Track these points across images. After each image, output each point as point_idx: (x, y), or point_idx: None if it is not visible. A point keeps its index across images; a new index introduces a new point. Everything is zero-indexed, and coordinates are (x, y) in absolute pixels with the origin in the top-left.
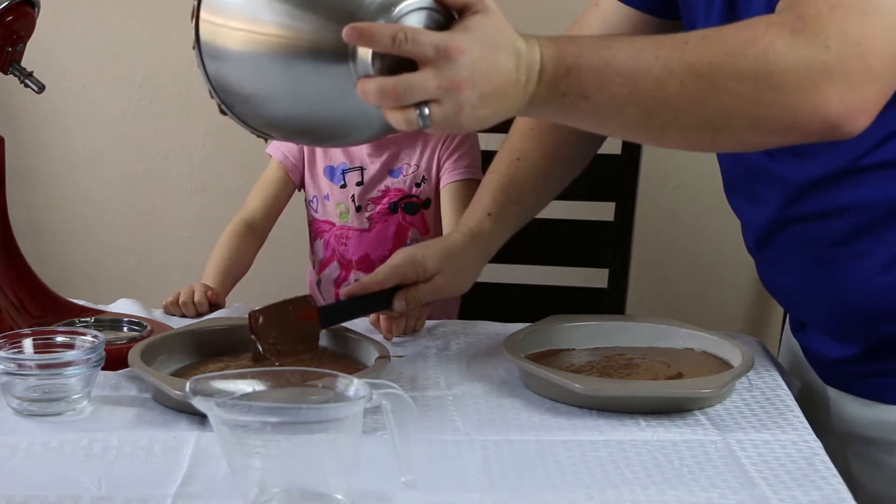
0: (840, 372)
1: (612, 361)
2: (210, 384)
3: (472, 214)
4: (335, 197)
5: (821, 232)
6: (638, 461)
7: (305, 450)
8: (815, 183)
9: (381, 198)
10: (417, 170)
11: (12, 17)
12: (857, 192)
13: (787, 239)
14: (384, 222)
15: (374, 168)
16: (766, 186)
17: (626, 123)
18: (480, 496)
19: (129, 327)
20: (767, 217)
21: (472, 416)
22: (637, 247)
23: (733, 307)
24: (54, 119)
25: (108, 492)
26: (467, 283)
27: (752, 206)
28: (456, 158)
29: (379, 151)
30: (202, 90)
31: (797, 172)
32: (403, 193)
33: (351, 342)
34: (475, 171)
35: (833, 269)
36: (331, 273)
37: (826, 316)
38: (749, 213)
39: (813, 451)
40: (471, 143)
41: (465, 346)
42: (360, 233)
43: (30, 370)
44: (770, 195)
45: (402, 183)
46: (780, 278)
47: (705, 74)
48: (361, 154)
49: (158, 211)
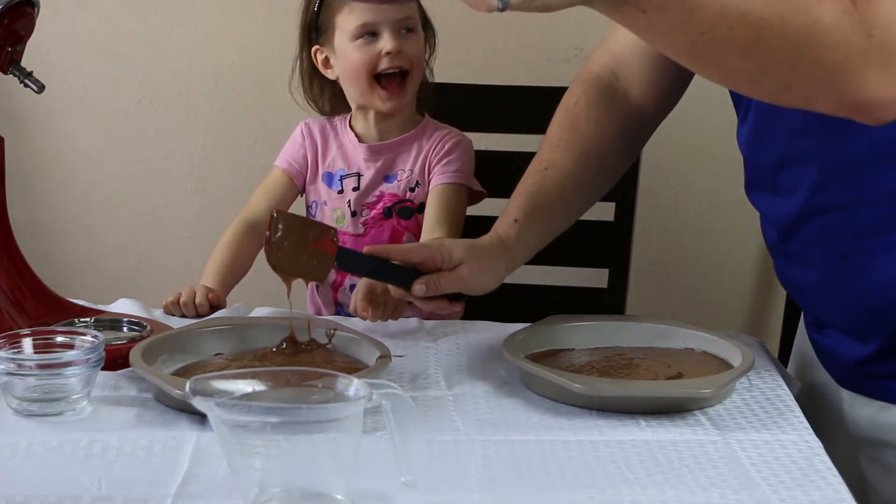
0: (857, 373)
1: (612, 361)
2: (210, 384)
3: (501, 222)
4: (332, 203)
5: (846, 224)
6: (638, 461)
7: (305, 450)
8: (848, 166)
9: (376, 203)
10: (411, 175)
11: (12, 18)
12: (887, 179)
13: (812, 231)
14: (379, 227)
15: (370, 174)
16: (797, 173)
17: (674, 49)
18: (480, 496)
19: (129, 327)
20: (794, 207)
21: (472, 416)
22: (637, 247)
23: (733, 307)
24: (54, 119)
25: (108, 492)
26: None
27: (778, 197)
28: (446, 163)
29: (375, 157)
30: (202, 90)
31: (832, 154)
32: (398, 198)
33: (351, 342)
34: (464, 176)
35: (855, 264)
36: (328, 277)
37: (846, 313)
38: (774, 205)
39: (813, 451)
40: (462, 150)
41: (465, 346)
42: (355, 238)
43: (30, 370)
44: (800, 183)
45: (397, 188)
46: (800, 273)
47: (755, 26)
48: (359, 160)
49: (158, 211)
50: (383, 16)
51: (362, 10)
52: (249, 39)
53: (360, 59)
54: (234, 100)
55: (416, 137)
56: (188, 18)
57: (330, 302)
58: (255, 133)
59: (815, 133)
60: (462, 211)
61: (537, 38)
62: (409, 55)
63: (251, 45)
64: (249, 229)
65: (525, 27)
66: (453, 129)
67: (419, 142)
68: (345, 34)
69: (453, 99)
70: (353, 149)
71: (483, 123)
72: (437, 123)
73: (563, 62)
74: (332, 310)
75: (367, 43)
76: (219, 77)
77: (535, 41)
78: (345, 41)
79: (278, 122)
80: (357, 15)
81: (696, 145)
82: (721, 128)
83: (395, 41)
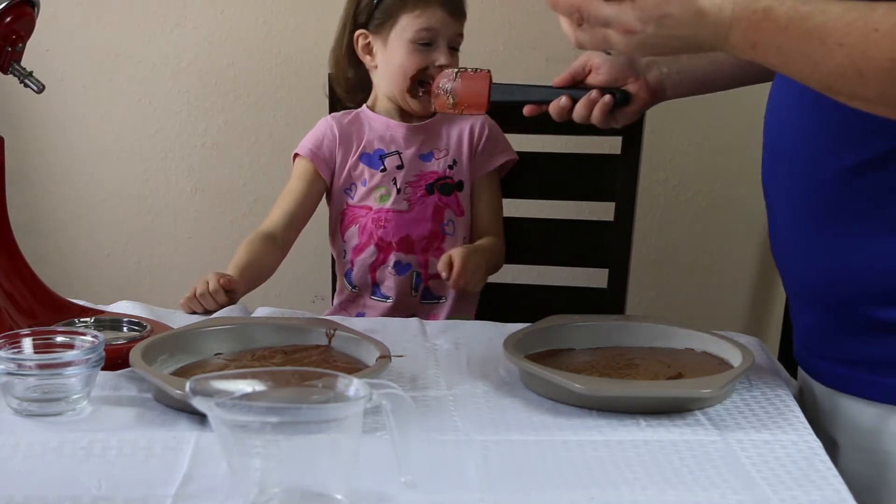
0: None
1: (612, 361)
2: (210, 384)
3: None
4: (375, 181)
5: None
6: (638, 461)
7: (305, 450)
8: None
9: (419, 180)
10: (447, 154)
11: (12, 17)
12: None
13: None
14: (422, 203)
15: (409, 152)
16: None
17: (788, 74)
18: (480, 496)
19: (129, 327)
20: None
21: (472, 416)
22: (637, 247)
23: (733, 307)
24: (54, 119)
25: (108, 492)
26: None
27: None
28: (492, 146)
29: (414, 136)
30: (202, 90)
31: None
32: (439, 175)
33: (351, 342)
34: (511, 152)
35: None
36: (367, 257)
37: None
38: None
39: (813, 451)
40: (492, 126)
41: (466, 346)
42: (399, 214)
43: (30, 370)
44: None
45: (437, 165)
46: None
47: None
48: (397, 139)
49: (158, 211)
50: (445, 29)
51: (430, 16)
52: (249, 39)
53: (413, 62)
54: (234, 100)
55: (445, 117)
56: (188, 18)
57: (368, 283)
58: (255, 133)
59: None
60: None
61: (537, 38)
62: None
63: (251, 45)
64: (267, 237)
65: (525, 27)
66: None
67: (448, 123)
68: (405, 33)
69: None
70: (385, 128)
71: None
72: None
73: (563, 62)
74: (368, 291)
75: (423, 49)
76: (219, 77)
77: (535, 41)
78: (402, 40)
79: (278, 122)
80: (425, 20)
81: (696, 145)
82: (721, 128)
83: (450, 57)
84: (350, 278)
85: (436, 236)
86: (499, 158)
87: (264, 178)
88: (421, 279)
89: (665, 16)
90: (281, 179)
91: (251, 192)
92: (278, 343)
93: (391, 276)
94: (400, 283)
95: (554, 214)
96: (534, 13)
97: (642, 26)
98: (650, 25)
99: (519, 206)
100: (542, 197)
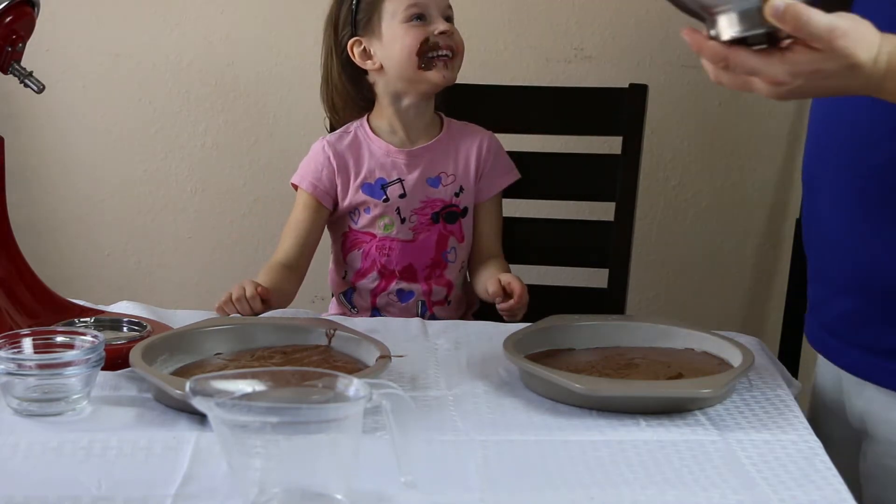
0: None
1: (612, 361)
2: (210, 384)
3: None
4: (377, 210)
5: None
6: (638, 461)
7: (305, 450)
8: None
9: (424, 208)
10: (455, 179)
11: (12, 17)
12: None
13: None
14: (427, 232)
15: (412, 178)
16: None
17: None
18: (480, 496)
19: (129, 327)
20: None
21: (472, 416)
22: (637, 247)
23: (733, 307)
24: (54, 119)
25: (108, 492)
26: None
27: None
28: (496, 168)
29: (415, 162)
30: (202, 90)
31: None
32: (445, 203)
33: (351, 342)
34: (515, 172)
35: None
36: (369, 283)
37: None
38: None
39: (813, 451)
40: (498, 147)
41: (466, 346)
42: (403, 244)
43: (30, 370)
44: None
45: (443, 193)
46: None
47: None
48: (399, 165)
49: (158, 211)
50: (432, 1)
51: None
52: (249, 39)
53: (414, 37)
54: (234, 100)
55: (450, 138)
56: (188, 18)
57: (368, 306)
58: (255, 133)
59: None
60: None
61: (537, 38)
62: (456, 38)
63: (251, 45)
64: (283, 266)
65: (525, 27)
66: (475, 127)
67: (455, 144)
68: (395, 18)
69: (454, 99)
70: (385, 155)
71: (483, 123)
72: (456, 122)
73: (563, 62)
74: (368, 314)
75: (418, 24)
76: (219, 77)
77: (535, 41)
78: (395, 24)
79: (278, 122)
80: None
81: (696, 145)
82: (721, 128)
83: (447, 23)
84: (350, 299)
85: (438, 264)
86: (504, 180)
87: (264, 178)
88: (426, 307)
89: (818, 71)
90: (281, 179)
91: (251, 192)
92: (278, 343)
93: (394, 304)
94: (404, 311)
95: (554, 214)
96: (534, 13)
97: (791, 79)
98: (800, 79)
99: (519, 206)
100: (543, 197)
